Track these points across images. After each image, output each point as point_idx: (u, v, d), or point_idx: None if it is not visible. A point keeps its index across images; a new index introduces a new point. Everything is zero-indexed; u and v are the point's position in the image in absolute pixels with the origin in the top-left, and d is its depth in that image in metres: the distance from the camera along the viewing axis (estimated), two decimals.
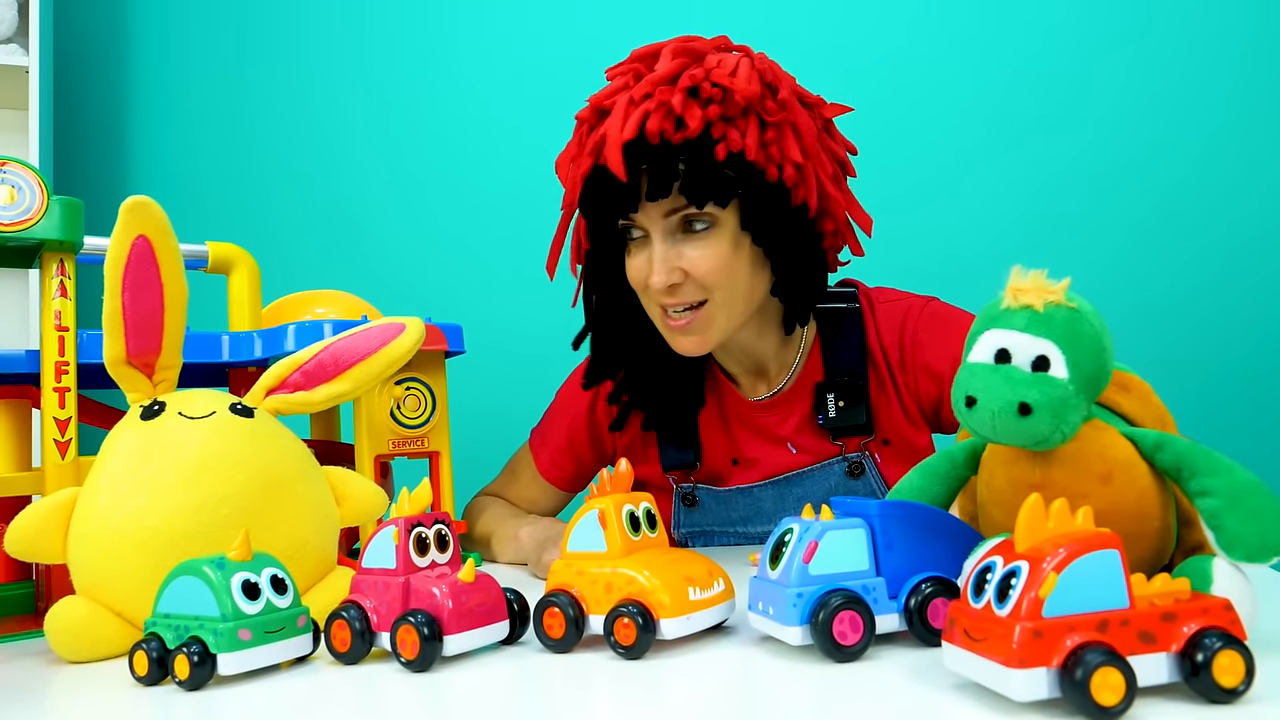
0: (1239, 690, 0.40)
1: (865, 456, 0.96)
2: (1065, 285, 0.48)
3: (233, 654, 0.53)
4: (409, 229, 1.71)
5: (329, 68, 1.74)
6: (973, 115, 1.60)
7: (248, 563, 0.56)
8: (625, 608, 0.54)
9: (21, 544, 0.63)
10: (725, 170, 0.81)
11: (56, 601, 0.68)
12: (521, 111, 1.71)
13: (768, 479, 0.98)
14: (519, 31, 1.72)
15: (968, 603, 0.44)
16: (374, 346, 0.71)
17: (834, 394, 0.94)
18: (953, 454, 0.57)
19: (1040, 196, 1.57)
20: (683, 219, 0.85)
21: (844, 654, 0.50)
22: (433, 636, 0.53)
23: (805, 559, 0.52)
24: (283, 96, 1.74)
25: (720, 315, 0.87)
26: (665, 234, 0.85)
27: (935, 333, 0.95)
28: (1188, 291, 1.52)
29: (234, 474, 0.63)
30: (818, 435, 0.97)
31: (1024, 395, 0.46)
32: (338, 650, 0.57)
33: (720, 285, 0.86)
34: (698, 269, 0.85)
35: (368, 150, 1.73)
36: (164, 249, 0.67)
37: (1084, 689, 0.39)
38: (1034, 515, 0.43)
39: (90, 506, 0.62)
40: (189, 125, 1.74)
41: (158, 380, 0.68)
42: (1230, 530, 0.47)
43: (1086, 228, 1.56)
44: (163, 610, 0.55)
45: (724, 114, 0.80)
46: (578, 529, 0.59)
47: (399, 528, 0.57)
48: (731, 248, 0.85)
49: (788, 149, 0.82)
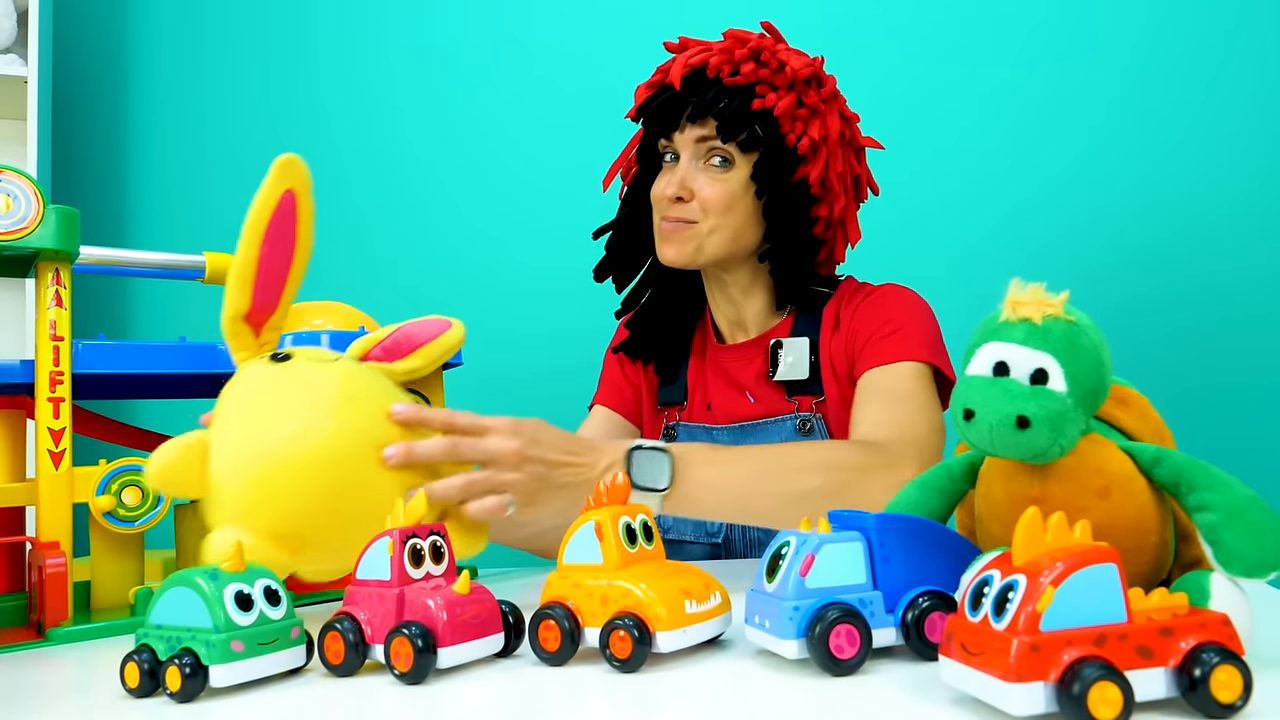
0: (1237, 706, 0.40)
1: (815, 417, 1.04)
2: (1064, 298, 0.48)
3: (225, 665, 0.52)
4: (408, 242, 1.71)
5: (328, 80, 1.75)
6: (972, 116, 1.60)
7: (241, 574, 0.55)
8: (621, 620, 0.54)
9: (166, 476, 0.64)
10: (755, 121, 0.97)
11: (50, 615, 0.68)
12: (520, 125, 1.71)
13: (728, 424, 1.09)
14: (516, 36, 1.73)
15: (965, 616, 0.44)
16: (434, 333, 0.78)
17: (783, 350, 1.05)
18: (950, 468, 0.57)
19: (1041, 200, 1.57)
20: (709, 150, 1.00)
21: (840, 668, 0.50)
22: (427, 649, 0.53)
23: (802, 572, 0.52)
24: (282, 108, 1.75)
25: (705, 240, 1.01)
26: (691, 158, 1.02)
27: (885, 297, 1.06)
28: (1186, 305, 1.52)
29: (372, 406, 0.68)
30: (775, 389, 1.07)
31: (1022, 408, 0.46)
32: (331, 662, 0.56)
33: (713, 214, 1.00)
34: (703, 193, 1.00)
35: (367, 163, 1.73)
36: (305, 208, 0.69)
37: (1081, 703, 0.38)
38: (1032, 529, 0.43)
39: (234, 439, 0.64)
40: (187, 135, 1.75)
41: (262, 341, 0.70)
42: (1228, 545, 0.47)
43: (1088, 239, 1.55)
44: (155, 621, 0.55)
45: (772, 80, 0.97)
46: (573, 541, 0.59)
47: (394, 539, 0.57)
48: (739, 190, 1.00)
49: (811, 127, 0.98)
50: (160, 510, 0.80)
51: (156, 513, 0.79)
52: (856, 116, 1.05)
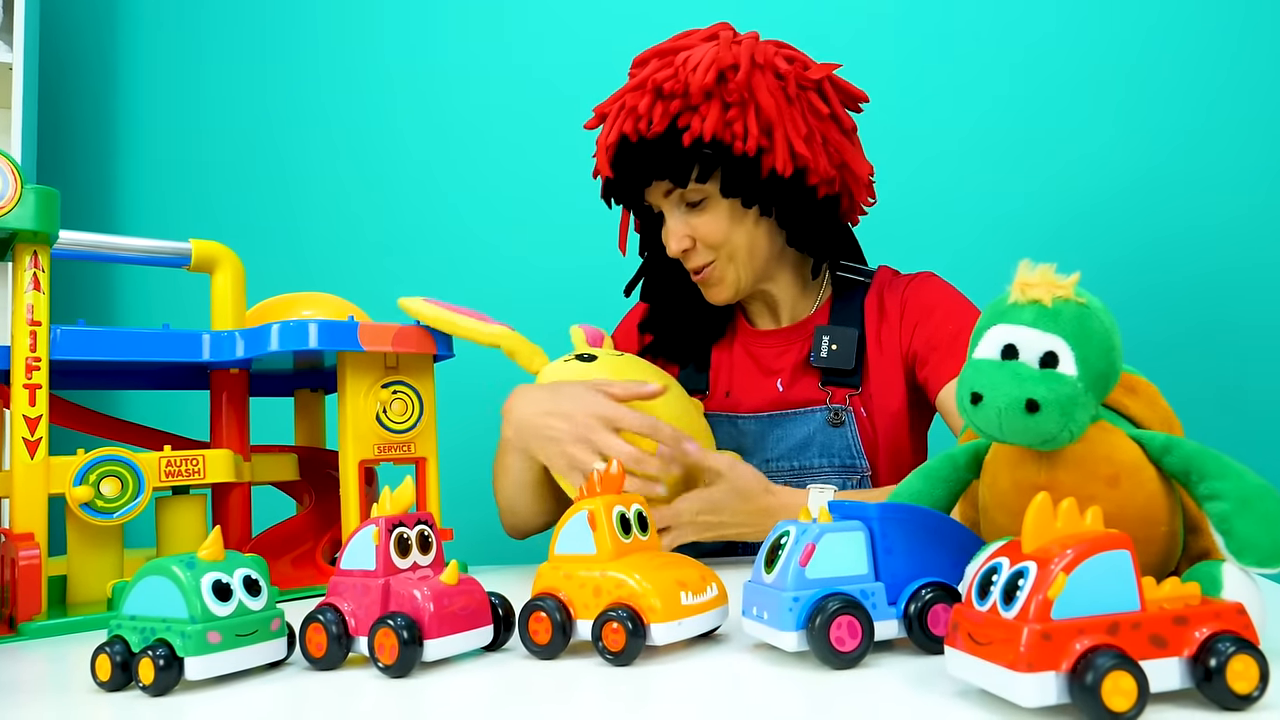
0: (1253, 696, 0.39)
1: (847, 410, 1.02)
2: (1075, 280, 0.47)
3: (201, 658, 0.50)
4: (397, 232, 1.69)
5: (317, 64, 1.72)
6: (976, 111, 1.59)
7: (219, 562, 0.53)
8: (614, 612, 0.52)
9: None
10: (699, 151, 0.94)
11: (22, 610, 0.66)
12: (506, 116, 1.69)
13: (752, 412, 1.06)
14: (510, 26, 1.71)
15: (972, 605, 0.42)
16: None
17: (829, 337, 1.03)
18: (954, 456, 0.56)
19: (1045, 193, 1.56)
20: (679, 197, 0.99)
21: (841, 660, 0.48)
22: (412, 640, 0.51)
23: (802, 562, 0.50)
24: (271, 93, 1.72)
25: (728, 272, 1.02)
26: (674, 209, 1.01)
27: (931, 287, 1.06)
28: (1194, 294, 1.50)
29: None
30: (807, 378, 1.05)
31: (1031, 392, 0.45)
32: (313, 655, 0.54)
33: (721, 246, 1.00)
34: (700, 234, 1.00)
35: (357, 151, 1.71)
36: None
37: (1095, 694, 0.37)
38: (1042, 515, 0.41)
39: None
40: (175, 122, 1.72)
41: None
42: (1241, 535, 0.46)
43: (1094, 227, 1.54)
44: (128, 612, 0.53)
45: (685, 105, 0.94)
46: (566, 530, 0.57)
47: (380, 527, 0.55)
48: (729, 215, 0.99)
49: (749, 124, 0.93)
50: (140, 502, 0.77)
51: (136, 504, 0.77)
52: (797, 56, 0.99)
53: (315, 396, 1.07)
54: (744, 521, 0.88)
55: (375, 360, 0.88)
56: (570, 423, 0.84)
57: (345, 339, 0.84)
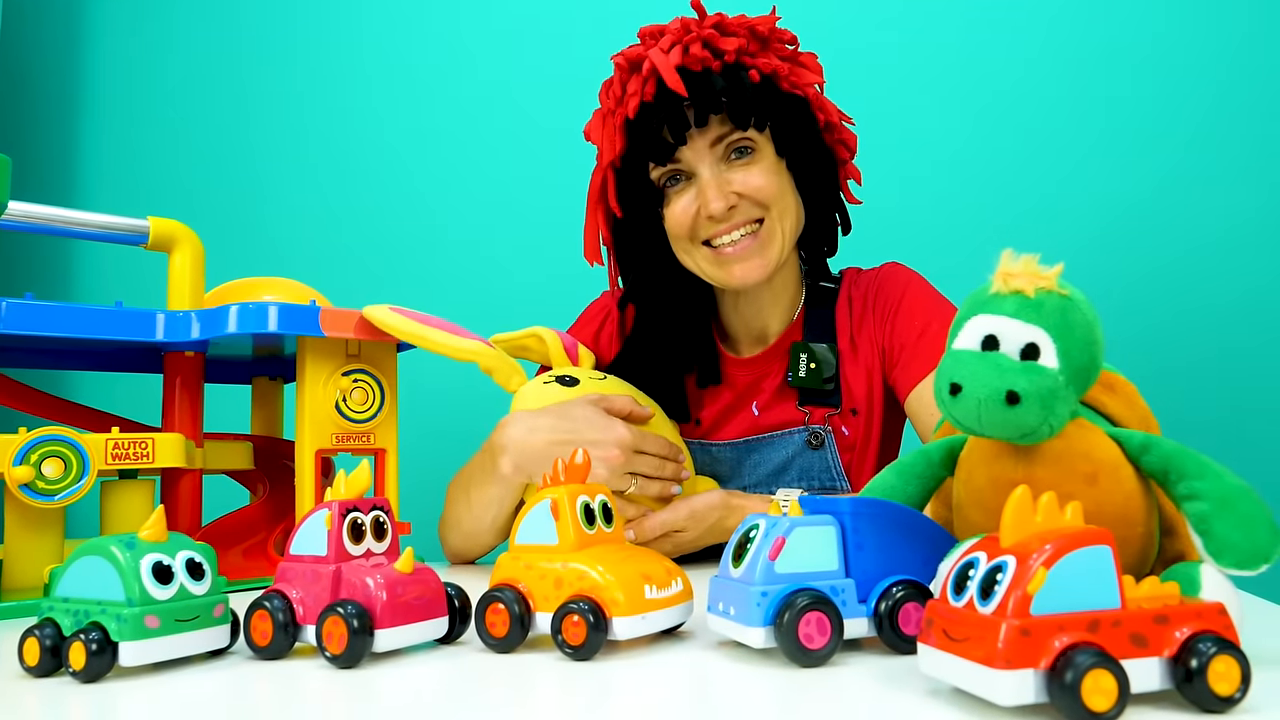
0: (1235, 699, 0.38)
1: (827, 430, 0.99)
2: (1058, 271, 0.45)
3: (137, 643, 0.47)
4: (361, 217, 1.66)
5: (292, 46, 1.69)
6: (971, 109, 1.58)
7: (161, 544, 0.50)
8: (575, 604, 0.50)
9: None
10: (759, 93, 0.89)
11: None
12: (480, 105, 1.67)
13: (729, 440, 1.03)
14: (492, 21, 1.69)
15: (947, 601, 0.41)
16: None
17: (806, 355, 0.99)
18: (929, 452, 0.54)
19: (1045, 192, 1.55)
20: (728, 147, 0.92)
21: (809, 658, 0.47)
22: (362, 630, 0.49)
23: (771, 556, 0.48)
24: (245, 76, 1.69)
25: (778, 230, 0.94)
26: (713, 164, 0.92)
27: (895, 280, 1.03)
28: (1174, 292, 1.50)
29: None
30: (785, 401, 1.02)
31: (1012, 383, 0.43)
32: (257, 644, 0.51)
33: (774, 200, 0.93)
34: (749, 187, 0.91)
35: (329, 137, 1.67)
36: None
37: (1074, 693, 0.35)
38: (1021, 509, 0.40)
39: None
40: (143, 99, 1.68)
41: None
42: (1220, 536, 0.44)
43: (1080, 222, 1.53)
44: (61, 593, 0.50)
45: (749, 46, 0.90)
46: (527, 520, 0.55)
47: (333, 511, 0.53)
48: (775, 170, 0.93)
49: (805, 75, 0.92)
50: (84, 485, 0.74)
51: (79, 487, 0.74)
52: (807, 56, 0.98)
53: (274, 385, 1.04)
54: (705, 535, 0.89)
55: (337, 347, 0.85)
56: (601, 449, 0.83)
57: (306, 324, 0.81)
